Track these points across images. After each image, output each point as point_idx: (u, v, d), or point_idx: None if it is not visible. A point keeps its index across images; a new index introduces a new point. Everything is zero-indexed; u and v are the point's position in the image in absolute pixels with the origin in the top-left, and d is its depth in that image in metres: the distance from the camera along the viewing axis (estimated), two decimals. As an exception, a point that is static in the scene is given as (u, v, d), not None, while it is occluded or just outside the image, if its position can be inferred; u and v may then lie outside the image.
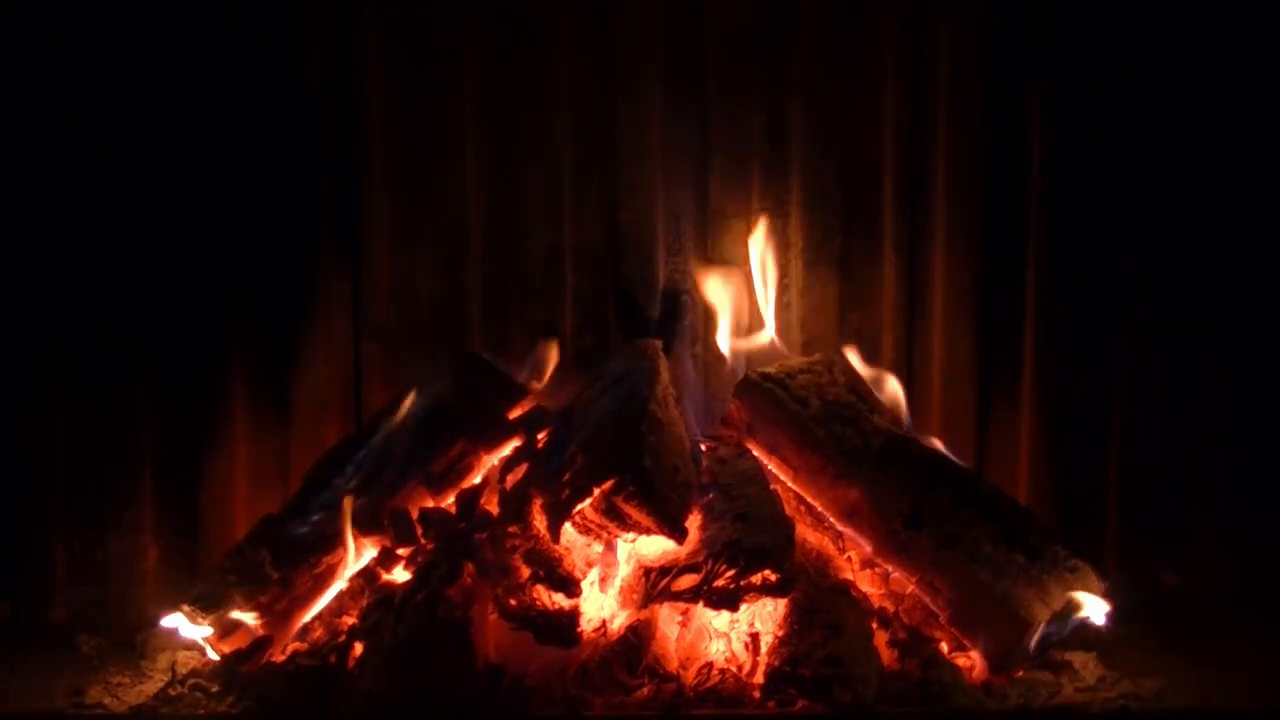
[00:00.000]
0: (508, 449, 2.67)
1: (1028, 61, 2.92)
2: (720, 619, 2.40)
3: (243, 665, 2.40)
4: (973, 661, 2.42)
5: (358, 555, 2.56)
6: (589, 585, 2.42)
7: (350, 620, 2.48)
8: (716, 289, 2.92)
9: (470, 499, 2.56)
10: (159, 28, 2.85)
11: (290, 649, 2.49)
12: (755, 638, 2.38)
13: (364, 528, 2.53)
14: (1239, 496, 2.94)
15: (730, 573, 2.29)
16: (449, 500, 2.61)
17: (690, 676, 2.34)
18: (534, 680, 2.31)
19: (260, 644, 2.44)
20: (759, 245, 2.93)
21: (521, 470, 2.56)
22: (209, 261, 2.90)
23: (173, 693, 2.37)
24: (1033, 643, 2.34)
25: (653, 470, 2.28)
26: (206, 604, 2.46)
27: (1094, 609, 2.39)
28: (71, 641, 2.71)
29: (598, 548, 2.44)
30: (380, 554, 2.54)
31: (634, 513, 2.28)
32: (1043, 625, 2.34)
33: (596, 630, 2.38)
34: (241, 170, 2.90)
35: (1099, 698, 2.37)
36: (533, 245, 2.99)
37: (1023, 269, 2.96)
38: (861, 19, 2.95)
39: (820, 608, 2.37)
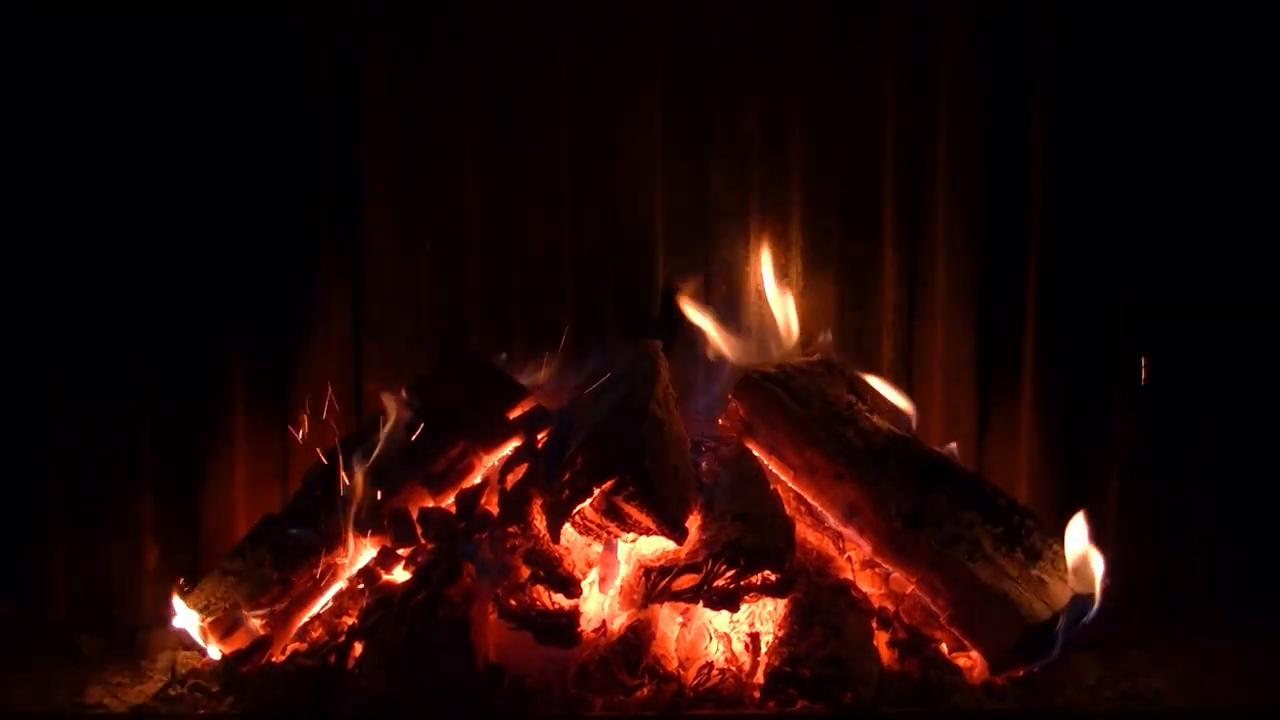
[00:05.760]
0: (508, 449, 2.67)
1: (1028, 61, 2.93)
2: (720, 619, 2.40)
3: (243, 665, 2.40)
4: (973, 661, 2.42)
5: (358, 555, 2.56)
6: (589, 585, 2.42)
7: (350, 620, 2.49)
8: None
9: (470, 499, 2.56)
10: (160, 28, 2.85)
11: (290, 649, 2.49)
12: (755, 638, 2.38)
13: (364, 528, 2.53)
14: (1239, 496, 2.94)
15: (730, 573, 2.29)
16: (449, 500, 2.61)
17: (690, 676, 2.34)
18: (534, 680, 2.31)
19: (260, 644, 2.44)
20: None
21: (521, 470, 2.56)
22: (210, 262, 2.90)
23: (173, 693, 2.38)
24: (1057, 640, 2.36)
25: (653, 470, 2.28)
26: (207, 604, 2.47)
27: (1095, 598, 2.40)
28: (71, 641, 2.71)
29: (598, 548, 2.44)
30: (380, 554, 2.54)
31: (634, 513, 2.28)
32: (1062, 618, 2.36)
33: (596, 630, 2.38)
34: (242, 171, 2.90)
35: (1099, 698, 2.37)
36: (533, 245, 2.99)
37: (1023, 268, 2.96)
38: (861, 19, 2.95)
39: (820, 608, 2.37)
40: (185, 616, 2.47)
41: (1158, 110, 2.90)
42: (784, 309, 2.91)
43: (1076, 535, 2.45)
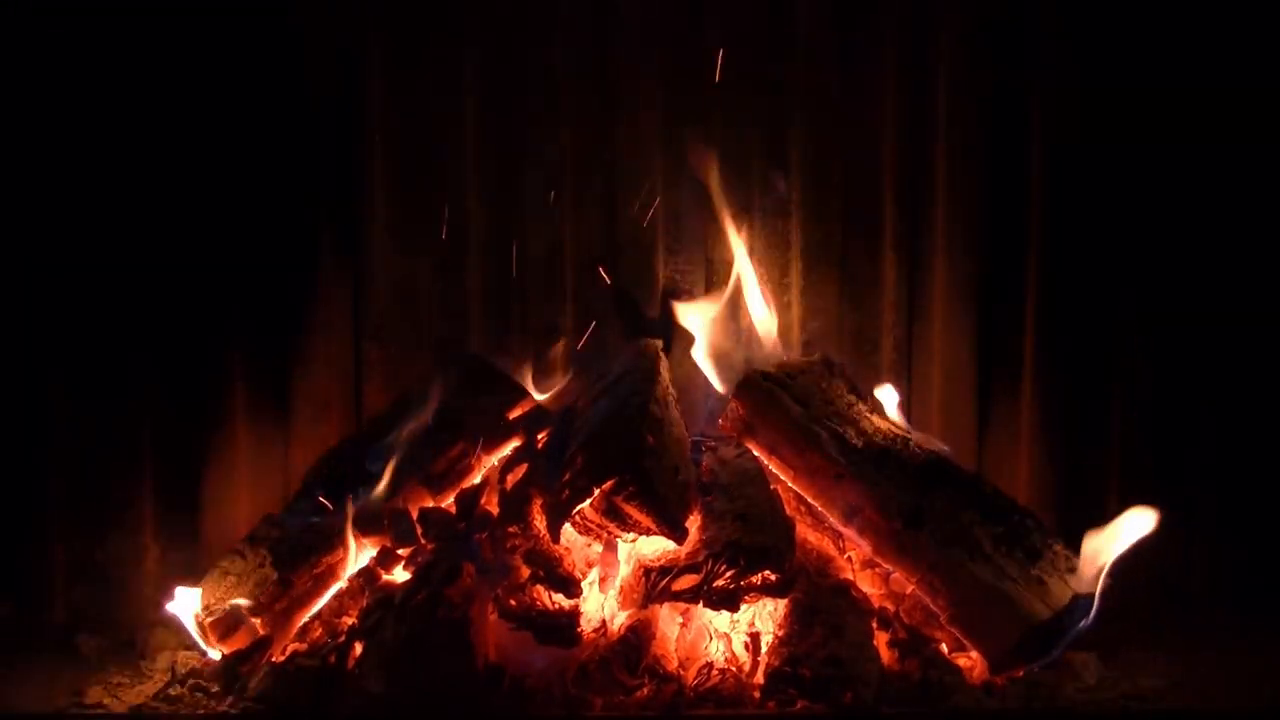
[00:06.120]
0: (508, 449, 2.67)
1: (1028, 60, 2.93)
2: (720, 619, 2.40)
3: (243, 665, 2.40)
4: (973, 661, 2.42)
5: (358, 555, 2.56)
6: (589, 585, 2.42)
7: (350, 620, 2.49)
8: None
9: (470, 499, 2.56)
10: (160, 28, 2.85)
11: (290, 649, 2.49)
12: (755, 638, 2.38)
13: (364, 528, 2.53)
14: (1240, 496, 2.94)
15: (730, 573, 2.29)
16: (449, 500, 2.61)
17: (690, 676, 2.34)
18: (534, 680, 2.31)
19: (260, 644, 2.44)
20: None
21: (521, 470, 2.56)
22: (210, 262, 2.90)
23: (173, 693, 2.37)
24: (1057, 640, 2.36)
25: (653, 470, 2.28)
26: (206, 604, 2.47)
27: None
28: (71, 641, 2.71)
29: (598, 548, 2.44)
30: (380, 554, 2.54)
31: (634, 513, 2.28)
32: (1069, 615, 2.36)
33: (596, 630, 2.38)
34: (243, 171, 2.90)
35: (1099, 698, 2.36)
36: (533, 245, 2.99)
37: (1023, 268, 2.96)
38: (861, 19, 2.95)
39: (820, 608, 2.37)
40: (186, 616, 2.47)
41: (1157, 110, 2.90)
42: (766, 312, 2.90)
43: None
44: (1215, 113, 2.89)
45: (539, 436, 2.66)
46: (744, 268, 2.90)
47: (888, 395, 2.75)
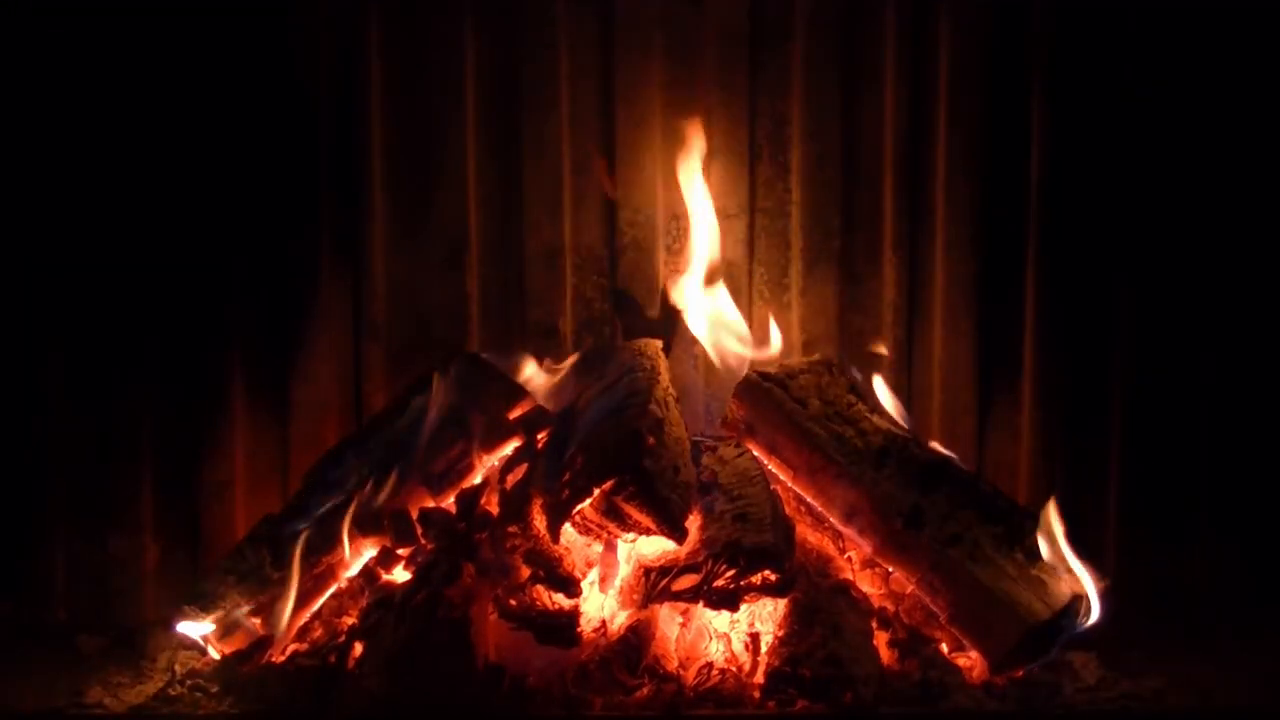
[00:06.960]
0: (508, 449, 2.67)
1: (1028, 61, 2.93)
2: (720, 619, 2.40)
3: (243, 665, 2.40)
4: (973, 661, 2.42)
5: (357, 555, 2.56)
6: (589, 585, 2.42)
7: (350, 620, 2.49)
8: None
9: (470, 499, 2.56)
10: (160, 28, 2.85)
11: (290, 649, 2.49)
12: (755, 638, 2.38)
13: (364, 528, 2.53)
14: (1239, 496, 2.95)
15: (730, 573, 2.29)
16: (449, 500, 2.61)
17: (690, 676, 2.34)
18: (534, 680, 2.31)
19: (260, 644, 2.44)
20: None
21: (521, 470, 2.56)
22: (210, 261, 2.90)
23: (173, 693, 2.37)
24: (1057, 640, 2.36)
25: (653, 470, 2.28)
26: (206, 604, 2.47)
27: (1095, 606, 2.40)
28: (71, 641, 2.71)
29: (598, 548, 2.44)
30: (380, 554, 2.54)
31: (634, 513, 2.28)
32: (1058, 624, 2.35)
33: (596, 630, 2.37)
34: (242, 170, 2.90)
35: (1099, 698, 2.36)
36: (533, 245, 2.99)
37: (1023, 269, 2.96)
38: (861, 19, 2.95)
39: (820, 608, 2.37)
40: (187, 618, 2.47)
41: (1158, 110, 2.90)
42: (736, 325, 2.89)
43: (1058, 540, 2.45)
44: (1216, 113, 2.89)
45: (539, 436, 2.66)
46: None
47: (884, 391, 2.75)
